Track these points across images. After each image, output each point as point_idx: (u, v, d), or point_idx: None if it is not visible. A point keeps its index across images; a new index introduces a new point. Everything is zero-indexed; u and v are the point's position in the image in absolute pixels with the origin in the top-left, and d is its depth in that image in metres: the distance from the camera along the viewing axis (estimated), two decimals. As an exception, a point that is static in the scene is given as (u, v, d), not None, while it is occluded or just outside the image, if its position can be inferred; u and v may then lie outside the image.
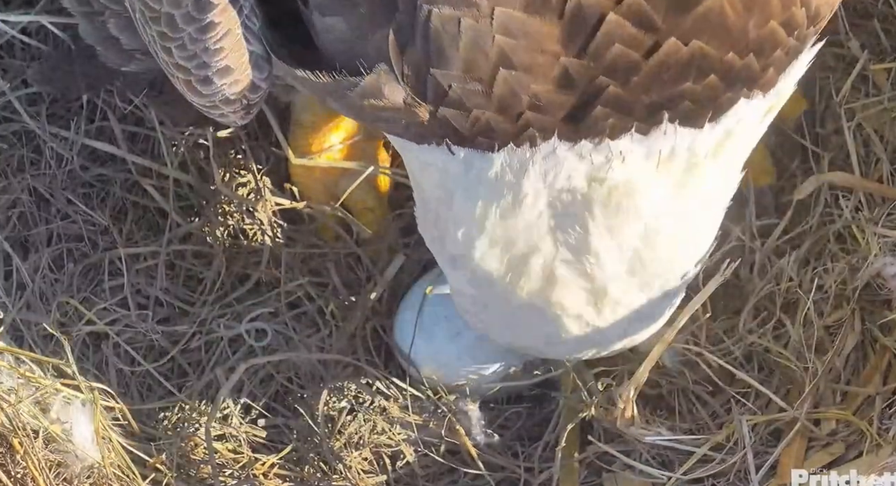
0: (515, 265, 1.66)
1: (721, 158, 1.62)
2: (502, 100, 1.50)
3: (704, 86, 1.52)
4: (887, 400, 1.86)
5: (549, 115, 1.51)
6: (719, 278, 1.75)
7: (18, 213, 2.11)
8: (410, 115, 1.53)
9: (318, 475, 1.96)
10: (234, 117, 1.62)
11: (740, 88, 1.55)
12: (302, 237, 2.15)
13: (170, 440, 1.95)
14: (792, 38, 1.56)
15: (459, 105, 1.51)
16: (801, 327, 1.93)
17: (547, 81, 1.49)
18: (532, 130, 1.52)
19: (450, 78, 1.49)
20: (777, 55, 1.55)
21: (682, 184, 1.61)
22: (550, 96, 1.50)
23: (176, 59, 1.57)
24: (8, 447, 1.79)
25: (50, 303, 2.03)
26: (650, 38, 1.48)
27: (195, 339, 2.08)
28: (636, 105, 1.52)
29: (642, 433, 1.89)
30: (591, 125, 1.53)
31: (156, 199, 2.15)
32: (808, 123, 2.11)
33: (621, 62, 1.48)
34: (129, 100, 2.13)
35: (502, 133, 1.53)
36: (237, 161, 2.18)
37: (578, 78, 1.49)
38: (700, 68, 1.50)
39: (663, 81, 1.50)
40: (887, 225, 1.94)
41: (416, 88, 1.51)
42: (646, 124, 1.54)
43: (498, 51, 1.47)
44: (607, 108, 1.51)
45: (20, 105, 2.12)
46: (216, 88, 1.57)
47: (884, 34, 2.09)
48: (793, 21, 1.54)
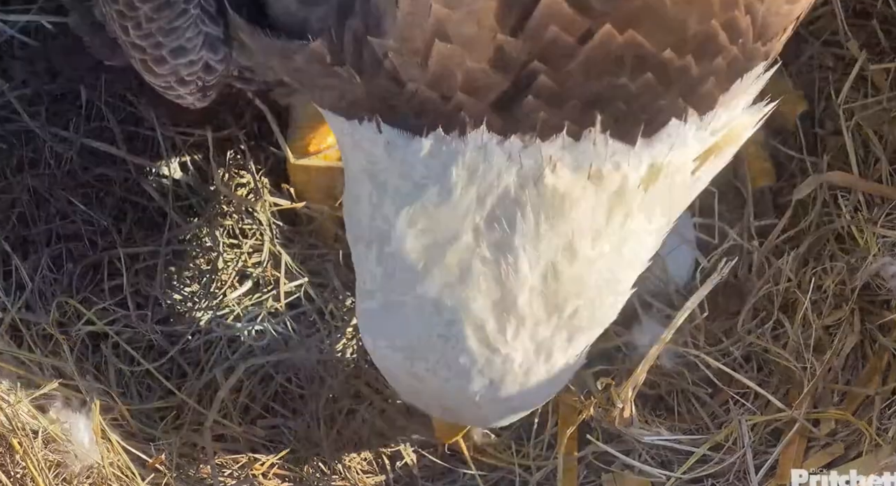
0: (432, 254, 1.55)
1: (650, 197, 1.54)
2: (436, 74, 1.46)
3: (639, 84, 1.47)
4: (886, 400, 1.86)
5: (481, 99, 1.47)
6: (716, 277, 1.71)
7: (18, 213, 2.11)
8: (346, 84, 1.50)
9: (318, 475, 1.96)
10: (191, 98, 1.62)
11: (676, 96, 1.49)
12: (301, 238, 2.15)
13: (169, 440, 1.95)
14: (735, 47, 1.49)
15: (394, 76, 1.47)
16: (800, 327, 1.93)
17: (482, 59, 1.45)
18: (463, 115, 1.48)
19: (386, 47, 1.46)
20: (718, 63, 1.49)
21: (609, 210, 1.53)
22: (485, 76, 1.46)
23: (132, 38, 1.58)
24: (7, 447, 1.79)
25: (49, 303, 2.03)
26: (586, 22, 1.44)
27: (194, 339, 2.07)
28: (568, 98, 1.47)
29: (641, 433, 1.89)
30: (522, 118, 1.48)
31: (155, 199, 2.15)
32: (807, 123, 2.11)
33: (556, 46, 1.44)
34: (123, 95, 2.14)
35: (434, 113, 1.48)
36: (236, 161, 2.18)
37: (513, 59, 1.45)
38: (635, 62, 1.46)
39: (598, 72, 1.46)
40: (886, 225, 1.94)
41: (354, 57, 1.48)
42: (577, 125, 1.48)
43: (434, 21, 1.44)
44: (539, 98, 1.47)
45: (19, 105, 2.13)
46: (170, 67, 1.57)
47: (883, 34, 2.09)
48: (735, 25, 1.48)
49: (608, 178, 1.51)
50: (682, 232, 2.01)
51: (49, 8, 2.14)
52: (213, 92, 1.62)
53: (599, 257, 1.55)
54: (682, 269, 2.03)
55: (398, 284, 1.57)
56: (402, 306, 1.58)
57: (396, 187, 1.54)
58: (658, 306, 1.99)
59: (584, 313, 1.57)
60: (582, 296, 1.56)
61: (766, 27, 1.52)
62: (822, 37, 2.14)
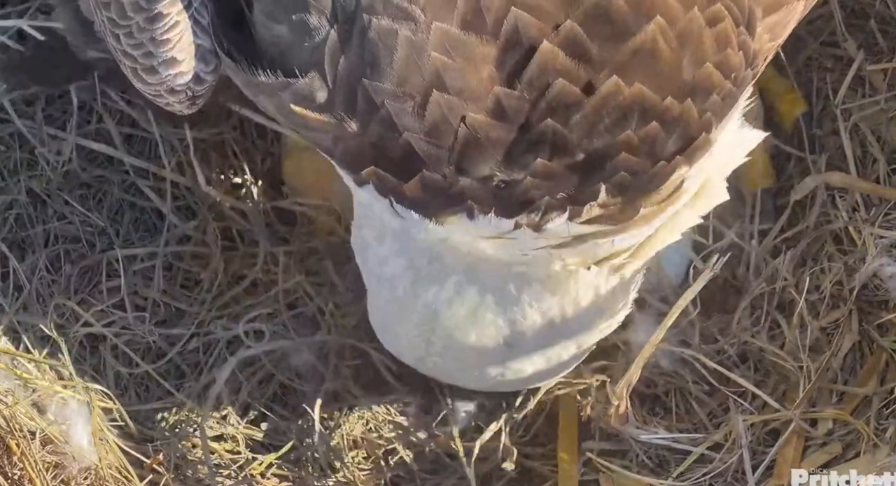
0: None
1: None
2: (434, 125, 1.44)
3: (643, 134, 1.45)
4: (884, 400, 1.86)
5: (482, 180, 1.46)
6: (709, 273, 1.72)
7: (15, 214, 2.11)
8: (339, 128, 1.48)
9: (316, 474, 1.96)
10: (180, 107, 1.61)
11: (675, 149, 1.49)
12: (298, 237, 2.15)
13: (167, 440, 1.95)
14: (729, 81, 1.49)
15: (390, 124, 1.45)
16: (797, 327, 1.93)
17: (480, 110, 1.43)
18: (469, 203, 1.48)
19: (382, 92, 1.43)
20: (713, 100, 1.48)
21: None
22: (485, 127, 1.43)
23: (123, 47, 1.57)
24: (5, 448, 1.79)
25: (47, 304, 2.03)
26: (586, 73, 1.42)
27: (193, 340, 2.07)
28: (569, 173, 1.46)
29: (638, 432, 1.89)
30: (524, 198, 1.48)
31: (153, 200, 2.15)
32: (805, 124, 2.11)
33: (561, 97, 1.42)
34: (120, 96, 2.14)
35: (438, 192, 1.48)
36: (232, 162, 2.18)
37: (512, 109, 1.43)
38: (641, 113, 1.44)
39: (604, 127, 1.44)
40: (884, 225, 1.94)
41: (347, 99, 1.46)
42: (579, 204, 1.49)
43: (433, 70, 1.42)
44: (536, 178, 1.45)
45: (12, 108, 2.12)
46: (161, 78, 1.57)
47: (881, 35, 2.09)
48: (728, 63, 1.47)
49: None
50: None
51: (43, 7, 2.14)
52: (202, 101, 1.62)
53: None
54: (677, 268, 2.03)
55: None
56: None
57: (398, 254, 1.66)
58: (654, 303, 1.99)
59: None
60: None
61: (756, 56, 1.52)
62: (820, 37, 2.13)
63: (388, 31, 1.41)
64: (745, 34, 1.48)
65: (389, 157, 1.47)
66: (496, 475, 1.95)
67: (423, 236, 1.55)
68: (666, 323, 1.76)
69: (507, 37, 1.41)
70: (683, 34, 1.43)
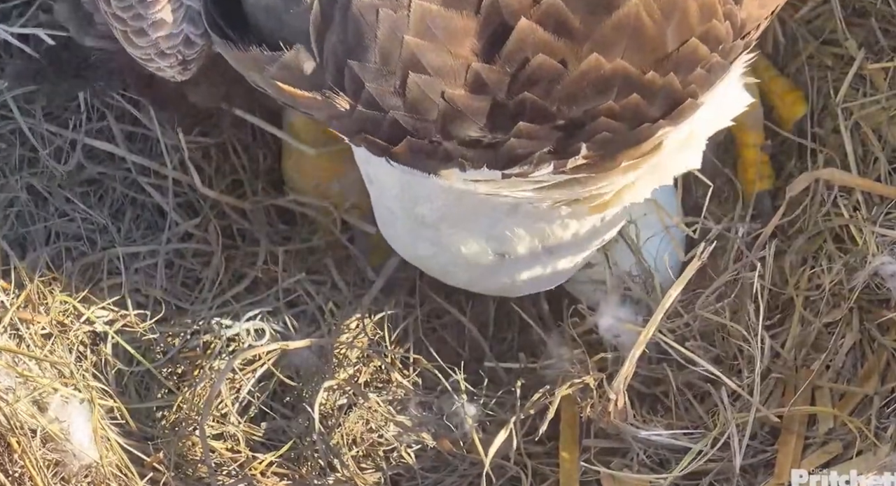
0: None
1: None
2: (415, 103, 1.47)
3: (624, 104, 1.48)
4: (885, 400, 1.86)
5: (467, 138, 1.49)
6: (696, 263, 1.74)
7: (16, 211, 2.12)
8: (330, 105, 1.50)
9: (316, 473, 1.96)
10: (172, 72, 1.63)
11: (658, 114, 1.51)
12: (298, 236, 2.15)
13: (168, 439, 1.95)
14: (716, 54, 1.50)
15: (375, 105, 1.48)
16: (797, 326, 1.93)
17: (458, 86, 1.45)
18: (459, 160, 1.51)
19: (366, 72, 1.46)
20: (698, 73, 1.50)
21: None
22: (465, 101, 1.46)
23: (114, 9, 1.58)
24: (6, 446, 1.79)
25: (48, 302, 2.03)
26: (567, 46, 1.43)
27: (193, 338, 2.08)
28: (552, 132, 1.49)
29: (637, 430, 1.89)
30: (510, 155, 1.51)
31: (154, 197, 2.15)
32: (806, 122, 2.11)
33: (541, 71, 1.44)
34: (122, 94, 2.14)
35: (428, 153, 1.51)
36: (234, 160, 2.18)
37: (492, 83, 1.45)
38: (623, 85, 1.46)
39: (584, 97, 1.46)
40: (885, 224, 1.94)
41: (335, 77, 1.48)
42: (562, 158, 1.51)
43: (408, 52, 1.43)
44: (521, 138, 1.48)
45: (14, 105, 2.12)
46: (150, 40, 1.58)
47: (881, 33, 2.08)
48: (714, 34, 1.49)
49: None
50: (669, 229, 2.02)
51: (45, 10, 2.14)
52: (194, 66, 1.62)
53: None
54: (664, 264, 2.03)
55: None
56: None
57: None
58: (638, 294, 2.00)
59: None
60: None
61: (744, 26, 1.53)
62: (820, 36, 2.13)
63: (368, 7, 1.43)
64: (731, 3, 1.48)
65: (381, 129, 1.50)
66: (497, 473, 1.95)
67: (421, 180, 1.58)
68: (656, 319, 1.77)
69: (487, 11, 1.42)
70: (667, 5, 1.44)
